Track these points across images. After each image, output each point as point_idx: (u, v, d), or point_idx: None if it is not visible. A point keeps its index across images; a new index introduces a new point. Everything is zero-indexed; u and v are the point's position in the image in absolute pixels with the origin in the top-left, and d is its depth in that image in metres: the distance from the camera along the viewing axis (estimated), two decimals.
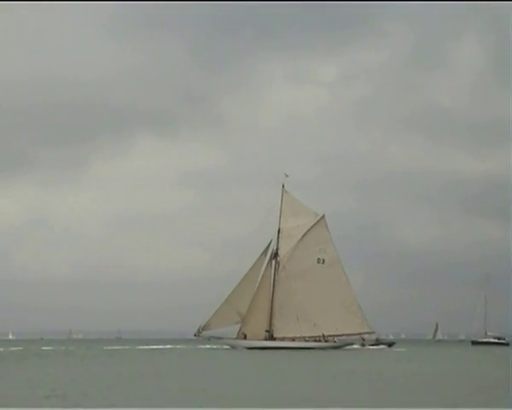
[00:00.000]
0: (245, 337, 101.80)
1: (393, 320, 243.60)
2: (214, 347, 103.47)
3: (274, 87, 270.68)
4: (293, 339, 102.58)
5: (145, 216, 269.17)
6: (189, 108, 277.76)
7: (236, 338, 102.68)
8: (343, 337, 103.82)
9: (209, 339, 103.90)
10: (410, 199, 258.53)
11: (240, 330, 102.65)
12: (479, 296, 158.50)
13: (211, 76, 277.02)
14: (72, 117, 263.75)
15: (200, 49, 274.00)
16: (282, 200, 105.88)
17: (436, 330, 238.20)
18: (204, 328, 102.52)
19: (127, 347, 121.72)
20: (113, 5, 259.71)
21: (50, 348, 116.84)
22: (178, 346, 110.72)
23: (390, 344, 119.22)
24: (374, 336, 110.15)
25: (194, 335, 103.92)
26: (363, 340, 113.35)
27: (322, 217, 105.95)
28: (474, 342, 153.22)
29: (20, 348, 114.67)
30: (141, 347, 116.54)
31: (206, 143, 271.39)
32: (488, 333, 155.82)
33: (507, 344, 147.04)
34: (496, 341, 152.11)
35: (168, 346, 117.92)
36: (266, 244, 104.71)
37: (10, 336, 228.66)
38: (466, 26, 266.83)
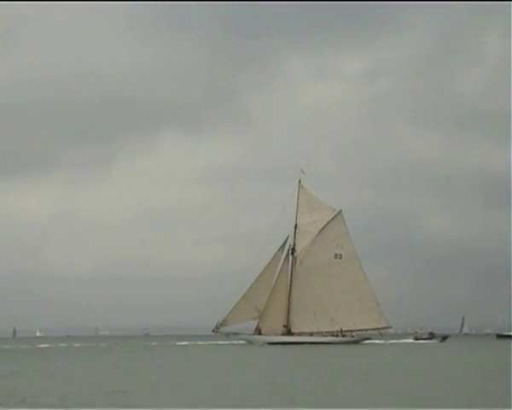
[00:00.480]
0: (260, 333, 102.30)
1: (419, 314, 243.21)
2: (235, 342, 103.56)
3: (298, 84, 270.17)
4: (310, 334, 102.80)
5: (170, 212, 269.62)
6: (214, 105, 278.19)
7: (253, 334, 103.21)
8: (360, 332, 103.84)
9: (227, 335, 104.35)
10: (433, 191, 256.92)
11: (257, 325, 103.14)
12: (503, 289, 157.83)
13: (235, 73, 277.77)
14: (97, 115, 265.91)
15: (225, 45, 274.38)
16: (298, 196, 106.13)
17: (462, 324, 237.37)
18: (222, 324, 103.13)
19: (157, 343, 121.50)
20: (139, 3, 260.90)
21: (104, 344, 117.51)
22: (211, 341, 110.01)
23: (443, 338, 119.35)
24: (427, 331, 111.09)
25: (213, 331, 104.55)
26: (417, 333, 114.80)
27: (339, 212, 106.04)
28: (499, 336, 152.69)
29: (64, 344, 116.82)
30: (178, 343, 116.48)
31: (231, 140, 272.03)
32: None
33: None
34: None
35: (199, 342, 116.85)
36: (283, 240, 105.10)
37: (38, 334, 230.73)
38: (489, 20, 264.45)
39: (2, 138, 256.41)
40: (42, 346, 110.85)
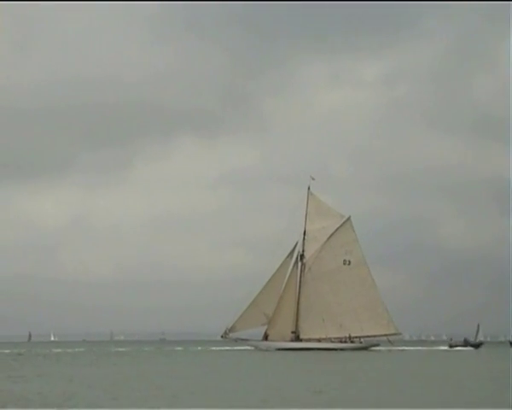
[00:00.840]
0: (266, 338, 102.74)
1: (433, 320, 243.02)
2: (249, 348, 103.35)
3: (315, 89, 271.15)
4: (318, 340, 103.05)
5: (185, 217, 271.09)
6: (230, 110, 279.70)
7: (262, 340, 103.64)
8: (369, 338, 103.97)
9: (236, 341, 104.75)
10: (448, 197, 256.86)
11: (265, 331, 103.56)
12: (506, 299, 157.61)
13: (252, 78, 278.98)
14: (114, 119, 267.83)
15: (242, 51, 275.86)
16: (307, 202, 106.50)
17: (478, 332, 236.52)
18: (231, 330, 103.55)
19: (180, 348, 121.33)
20: (156, 6, 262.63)
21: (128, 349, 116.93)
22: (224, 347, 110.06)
23: (477, 345, 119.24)
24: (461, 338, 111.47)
25: (221, 336, 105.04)
26: (451, 340, 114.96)
27: (348, 218, 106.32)
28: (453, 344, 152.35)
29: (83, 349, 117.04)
30: (200, 348, 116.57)
31: (247, 145, 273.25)
32: None
33: None
34: None
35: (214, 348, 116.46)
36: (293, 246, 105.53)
37: (52, 338, 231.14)
38: (505, 26, 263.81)
39: (20, 142, 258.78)
40: (65, 350, 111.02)
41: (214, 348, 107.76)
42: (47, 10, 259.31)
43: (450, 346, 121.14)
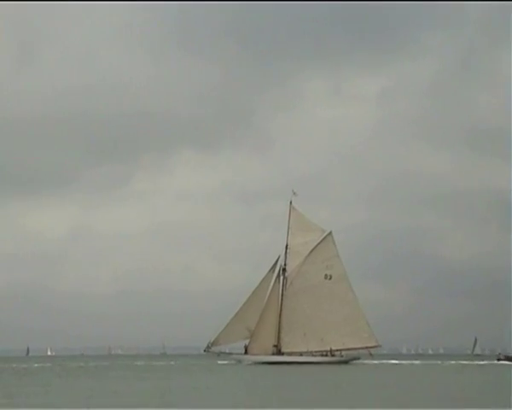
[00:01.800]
0: (246, 351, 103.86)
1: (434, 335, 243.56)
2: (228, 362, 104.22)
3: (316, 104, 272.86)
4: (300, 354, 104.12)
5: (185, 228, 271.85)
6: (232, 125, 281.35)
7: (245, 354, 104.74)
8: (350, 352, 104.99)
9: (218, 354, 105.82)
10: (453, 216, 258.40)
11: (248, 345, 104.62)
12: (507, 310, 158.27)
13: (254, 94, 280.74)
14: (115, 134, 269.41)
15: (242, 67, 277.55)
16: (289, 216, 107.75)
17: (475, 345, 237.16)
18: (213, 343, 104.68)
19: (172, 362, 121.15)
20: (157, 18, 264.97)
21: (142, 362, 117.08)
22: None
23: None
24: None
25: (204, 350, 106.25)
26: (499, 354, 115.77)
27: (330, 233, 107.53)
28: (508, 358, 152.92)
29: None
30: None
31: (247, 159, 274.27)
32: None
33: None
34: None
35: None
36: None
37: (49, 352, 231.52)
38: (504, 44, 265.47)
39: (21, 152, 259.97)
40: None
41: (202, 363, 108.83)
42: (49, 22, 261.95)
43: (499, 360, 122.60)
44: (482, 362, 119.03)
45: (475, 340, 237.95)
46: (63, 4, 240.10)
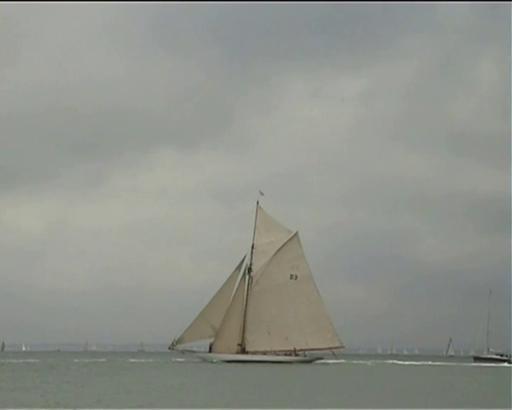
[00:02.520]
0: (210, 350, 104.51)
1: (411, 336, 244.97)
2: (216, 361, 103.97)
3: (295, 105, 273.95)
4: (264, 353, 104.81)
5: (163, 226, 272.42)
6: (211, 125, 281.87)
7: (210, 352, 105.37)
8: (313, 352, 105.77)
9: (183, 352, 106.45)
10: (431, 218, 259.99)
11: (213, 343, 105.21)
12: (482, 312, 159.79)
13: (234, 94, 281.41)
14: (95, 129, 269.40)
15: (223, 67, 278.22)
16: (256, 216, 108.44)
17: (449, 347, 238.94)
18: (178, 341, 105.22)
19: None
20: (142, 18, 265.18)
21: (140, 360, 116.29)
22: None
23: None
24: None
25: (169, 348, 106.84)
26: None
27: (296, 234, 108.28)
28: (477, 358, 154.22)
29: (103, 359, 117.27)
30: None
31: (226, 159, 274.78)
32: (490, 350, 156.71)
33: (508, 361, 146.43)
34: (498, 357, 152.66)
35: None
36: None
37: (23, 348, 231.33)
38: (483, 47, 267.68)
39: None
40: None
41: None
42: (28, 19, 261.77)
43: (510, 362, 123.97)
44: (451, 363, 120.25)
45: (450, 341, 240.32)
46: (44, 4, 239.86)
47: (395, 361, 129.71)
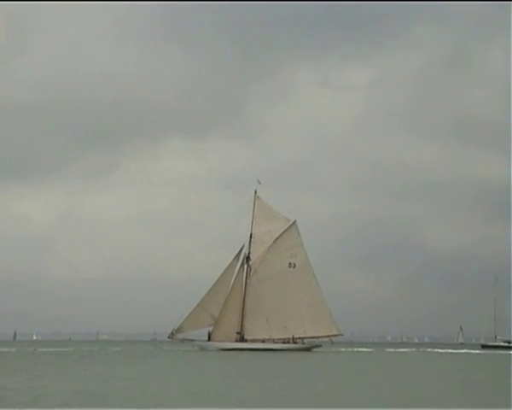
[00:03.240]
0: (209, 338, 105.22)
1: (420, 324, 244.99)
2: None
3: (305, 94, 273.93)
4: (262, 341, 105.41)
5: (173, 215, 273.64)
6: (219, 115, 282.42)
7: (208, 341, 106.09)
8: (311, 339, 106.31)
9: (182, 341, 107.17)
10: (440, 206, 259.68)
11: (212, 332, 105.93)
12: (490, 300, 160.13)
13: (243, 84, 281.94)
14: (105, 122, 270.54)
15: (233, 57, 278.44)
16: (254, 205, 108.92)
17: (459, 334, 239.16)
18: (177, 330, 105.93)
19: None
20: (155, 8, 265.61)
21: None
22: None
23: None
24: None
25: (168, 337, 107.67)
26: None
27: (294, 222, 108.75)
28: (484, 346, 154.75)
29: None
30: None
31: (235, 149, 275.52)
32: (498, 337, 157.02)
33: None
34: (505, 344, 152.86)
35: None
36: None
37: (34, 337, 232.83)
38: (491, 37, 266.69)
39: (11, 139, 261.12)
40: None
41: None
42: (40, 12, 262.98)
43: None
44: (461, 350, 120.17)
45: (460, 329, 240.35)
46: None
47: (390, 349, 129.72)
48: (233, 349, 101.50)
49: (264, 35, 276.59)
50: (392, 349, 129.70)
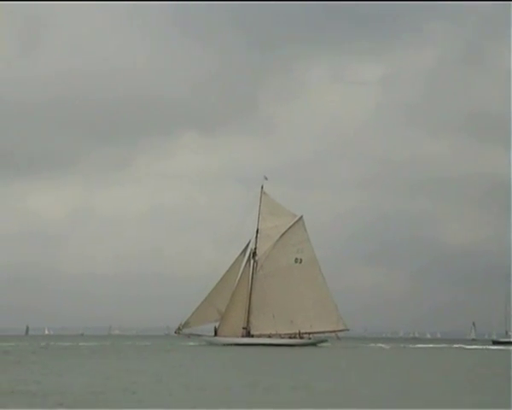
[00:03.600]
0: (215, 333, 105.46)
1: (433, 319, 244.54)
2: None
3: (317, 90, 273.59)
4: (269, 336, 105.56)
5: (186, 211, 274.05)
6: (232, 110, 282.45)
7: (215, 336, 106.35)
8: (318, 335, 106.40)
9: (189, 336, 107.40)
10: (450, 201, 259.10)
11: (218, 327, 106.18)
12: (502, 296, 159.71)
13: (256, 79, 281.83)
14: (118, 118, 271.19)
15: (247, 53, 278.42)
16: (260, 201, 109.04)
17: (471, 330, 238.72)
18: (184, 326, 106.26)
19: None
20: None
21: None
22: None
23: None
24: None
25: (175, 332, 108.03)
26: None
27: (300, 218, 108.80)
28: (495, 342, 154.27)
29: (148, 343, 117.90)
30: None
31: (248, 145, 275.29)
32: (509, 333, 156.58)
33: None
34: None
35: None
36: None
37: (46, 332, 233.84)
38: (503, 33, 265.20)
39: (25, 135, 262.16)
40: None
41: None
42: (53, 8, 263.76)
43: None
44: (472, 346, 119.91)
45: (473, 325, 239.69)
46: None
47: (384, 345, 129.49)
48: (239, 344, 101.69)
49: (276, 31, 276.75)
50: (403, 345, 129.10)
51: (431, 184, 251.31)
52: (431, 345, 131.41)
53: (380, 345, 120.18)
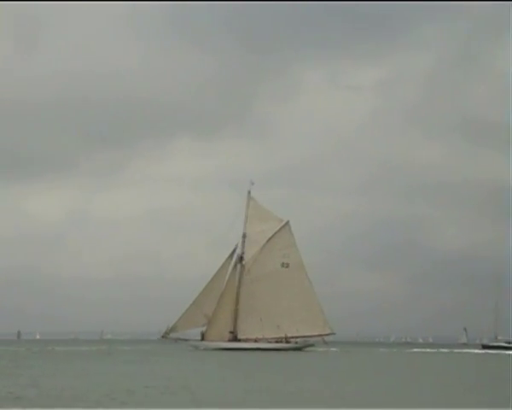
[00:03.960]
0: (202, 338, 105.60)
1: (426, 324, 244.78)
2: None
3: (314, 94, 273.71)
4: (255, 340, 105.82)
5: (182, 215, 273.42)
6: (229, 114, 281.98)
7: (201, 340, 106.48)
8: (304, 339, 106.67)
9: (176, 341, 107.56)
10: (448, 206, 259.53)
11: (205, 331, 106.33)
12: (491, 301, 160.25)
13: (252, 83, 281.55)
14: (113, 121, 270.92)
15: (243, 56, 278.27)
16: (247, 206, 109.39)
17: (463, 335, 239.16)
18: (171, 330, 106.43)
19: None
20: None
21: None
22: None
23: None
24: None
25: (162, 336, 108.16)
26: None
27: (287, 223, 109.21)
28: (485, 346, 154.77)
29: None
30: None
31: (244, 148, 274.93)
32: (499, 337, 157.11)
33: None
34: (506, 345, 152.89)
35: None
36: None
37: (37, 336, 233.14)
38: (499, 36, 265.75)
39: (20, 136, 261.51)
40: None
41: None
42: (52, 9, 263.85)
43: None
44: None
45: (464, 330, 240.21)
46: None
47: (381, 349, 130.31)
48: (226, 349, 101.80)
49: (273, 34, 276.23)
50: (384, 349, 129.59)
51: (428, 188, 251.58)
52: (424, 349, 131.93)
53: (381, 350, 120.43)
